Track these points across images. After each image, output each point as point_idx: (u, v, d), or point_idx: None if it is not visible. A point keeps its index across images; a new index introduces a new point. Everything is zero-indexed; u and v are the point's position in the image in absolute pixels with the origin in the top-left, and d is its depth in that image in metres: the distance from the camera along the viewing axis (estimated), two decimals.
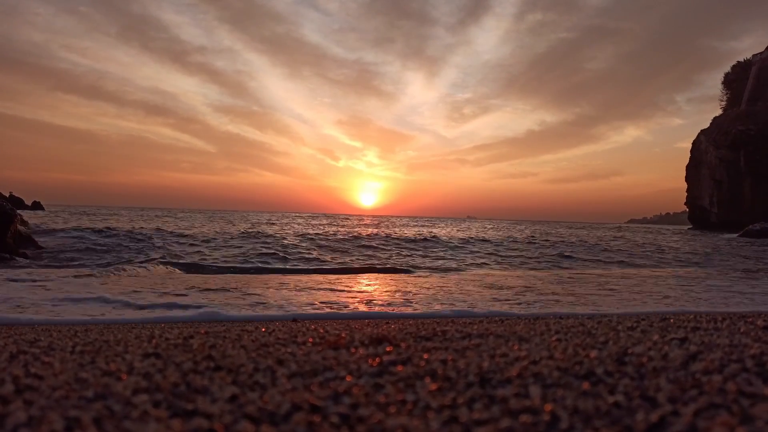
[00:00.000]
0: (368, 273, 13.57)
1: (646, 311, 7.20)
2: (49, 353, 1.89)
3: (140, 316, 6.53)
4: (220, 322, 5.00)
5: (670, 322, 2.72)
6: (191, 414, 1.09)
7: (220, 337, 2.34)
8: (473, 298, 8.52)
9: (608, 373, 1.42)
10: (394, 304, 7.85)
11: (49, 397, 1.20)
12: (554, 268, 15.65)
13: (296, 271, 13.66)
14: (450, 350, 1.83)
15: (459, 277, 12.73)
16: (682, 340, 1.92)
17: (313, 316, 6.61)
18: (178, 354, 1.78)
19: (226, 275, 12.25)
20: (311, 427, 1.03)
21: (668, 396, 1.18)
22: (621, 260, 18.36)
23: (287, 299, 8.00)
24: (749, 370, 1.39)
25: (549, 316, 5.08)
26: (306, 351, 1.84)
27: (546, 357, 1.63)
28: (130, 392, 1.25)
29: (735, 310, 7.35)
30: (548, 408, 1.11)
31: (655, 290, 10.12)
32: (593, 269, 15.58)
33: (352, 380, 1.38)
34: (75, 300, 7.77)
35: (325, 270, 13.94)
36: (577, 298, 8.74)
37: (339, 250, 19.12)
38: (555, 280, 12.15)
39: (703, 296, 9.58)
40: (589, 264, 17.20)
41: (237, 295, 8.35)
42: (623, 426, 1.01)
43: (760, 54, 76.97)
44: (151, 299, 7.76)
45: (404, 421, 1.06)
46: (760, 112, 67.98)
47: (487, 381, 1.36)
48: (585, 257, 19.09)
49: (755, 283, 12.03)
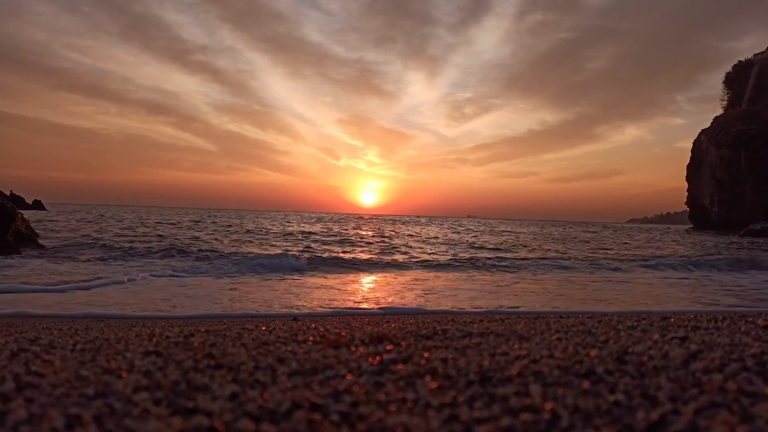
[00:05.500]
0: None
1: (646, 311, 7.20)
2: (50, 351, 1.89)
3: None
4: (221, 320, 4.99)
5: (670, 321, 2.72)
6: (192, 412, 1.09)
7: (220, 336, 2.34)
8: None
9: (609, 371, 1.41)
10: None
11: (50, 395, 1.20)
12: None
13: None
14: (450, 349, 1.83)
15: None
16: (683, 339, 1.92)
17: (314, 314, 6.61)
18: (178, 352, 1.78)
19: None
20: (312, 425, 1.03)
21: (669, 395, 1.18)
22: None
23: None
24: (750, 369, 1.38)
25: (549, 315, 5.08)
26: (306, 349, 1.84)
27: (546, 356, 1.63)
28: (130, 390, 1.25)
29: (735, 310, 7.34)
30: (549, 406, 1.11)
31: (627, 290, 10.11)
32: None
33: (352, 378, 1.38)
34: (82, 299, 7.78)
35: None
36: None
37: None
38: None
39: (702, 296, 9.58)
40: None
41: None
42: (624, 424, 1.01)
43: (761, 53, 76.85)
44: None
45: (405, 419, 1.06)
46: (761, 112, 67.89)
47: (488, 379, 1.36)
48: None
49: (743, 277, 12.03)
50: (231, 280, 11.06)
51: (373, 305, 7.80)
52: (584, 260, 17.40)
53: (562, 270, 14.62)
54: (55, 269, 11.57)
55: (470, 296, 9.13)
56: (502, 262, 16.01)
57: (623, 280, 12.56)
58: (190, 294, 8.78)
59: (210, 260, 14.45)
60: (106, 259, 14.12)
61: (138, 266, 12.66)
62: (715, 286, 11.36)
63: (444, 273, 13.57)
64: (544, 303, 8.40)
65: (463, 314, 6.38)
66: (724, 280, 12.60)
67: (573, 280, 12.36)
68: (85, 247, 16.16)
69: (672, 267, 15.73)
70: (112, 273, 11.25)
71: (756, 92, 72.85)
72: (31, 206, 55.41)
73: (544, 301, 8.61)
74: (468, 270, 14.31)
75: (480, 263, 15.77)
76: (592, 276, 13.35)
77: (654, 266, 15.89)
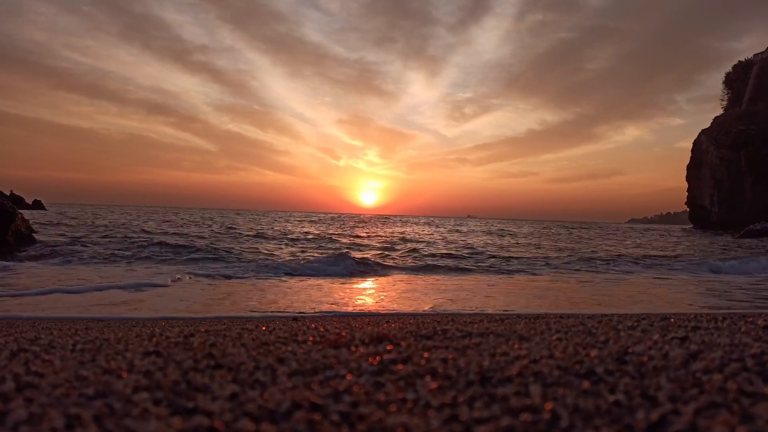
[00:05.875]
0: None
1: (646, 311, 7.19)
2: (50, 351, 1.89)
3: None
4: (221, 321, 4.99)
5: (670, 321, 2.72)
6: (192, 412, 1.09)
7: (220, 336, 2.34)
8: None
9: (609, 372, 1.41)
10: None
11: (50, 395, 1.20)
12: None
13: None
14: (450, 349, 1.83)
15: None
16: (683, 339, 1.92)
17: (315, 314, 6.61)
18: (178, 352, 1.78)
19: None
20: (312, 425, 1.03)
21: (669, 395, 1.18)
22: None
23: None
24: (750, 369, 1.38)
25: (549, 315, 5.08)
26: (306, 349, 1.84)
27: (546, 356, 1.63)
28: (130, 390, 1.25)
29: (735, 311, 7.34)
30: (549, 406, 1.11)
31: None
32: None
33: (352, 378, 1.38)
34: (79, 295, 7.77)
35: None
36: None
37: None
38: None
39: (701, 297, 9.58)
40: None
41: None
42: (624, 425, 1.01)
43: (761, 54, 76.87)
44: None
45: (405, 419, 1.06)
46: (761, 112, 67.88)
47: (488, 379, 1.36)
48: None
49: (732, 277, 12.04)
50: (296, 280, 10.91)
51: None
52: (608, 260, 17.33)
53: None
54: (70, 272, 11.50)
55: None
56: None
57: (619, 280, 12.56)
58: (258, 294, 8.61)
59: (253, 261, 14.08)
60: (134, 261, 13.64)
61: (177, 268, 12.34)
62: (714, 285, 11.36)
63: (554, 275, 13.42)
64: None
65: (463, 314, 6.37)
66: (724, 280, 12.61)
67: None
68: (85, 248, 16.09)
69: (671, 267, 15.75)
70: (152, 275, 10.88)
71: (756, 92, 72.86)
72: (31, 206, 55.37)
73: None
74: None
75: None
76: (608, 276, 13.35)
77: (650, 266, 15.90)
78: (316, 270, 12.42)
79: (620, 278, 13.00)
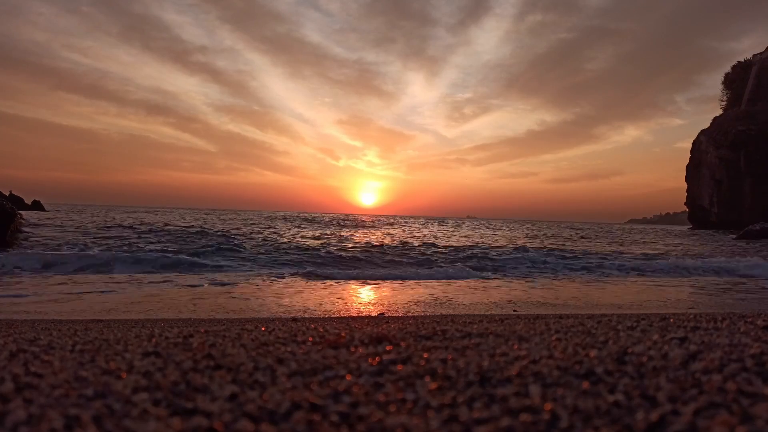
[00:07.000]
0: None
1: (646, 312, 7.19)
2: (49, 352, 1.89)
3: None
4: (220, 321, 4.98)
5: (669, 321, 2.72)
6: (191, 412, 1.09)
7: (219, 336, 2.34)
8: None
9: (608, 372, 1.41)
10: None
11: (49, 396, 1.20)
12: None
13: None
14: (450, 349, 1.83)
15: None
16: (682, 340, 1.92)
17: (314, 316, 6.60)
18: (177, 353, 1.78)
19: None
20: (311, 425, 1.03)
21: (668, 395, 1.18)
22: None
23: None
24: (749, 370, 1.38)
25: (549, 316, 5.08)
26: (306, 350, 1.84)
27: (546, 356, 1.63)
28: (129, 391, 1.25)
29: (734, 311, 7.34)
30: (548, 407, 1.11)
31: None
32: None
33: (351, 379, 1.38)
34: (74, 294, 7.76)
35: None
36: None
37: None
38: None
39: (700, 296, 9.59)
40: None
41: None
42: (623, 425, 1.01)
43: (761, 54, 76.92)
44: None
45: (404, 419, 1.06)
46: (761, 112, 67.94)
47: (487, 380, 1.36)
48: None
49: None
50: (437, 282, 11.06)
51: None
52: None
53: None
54: (52, 271, 11.52)
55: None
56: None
57: (618, 281, 12.56)
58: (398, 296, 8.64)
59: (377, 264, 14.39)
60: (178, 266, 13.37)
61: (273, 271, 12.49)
62: (714, 285, 11.36)
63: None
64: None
65: (463, 315, 6.37)
66: (722, 280, 12.62)
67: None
68: (85, 249, 16.05)
69: (670, 267, 15.74)
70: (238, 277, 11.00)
71: (755, 93, 72.92)
72: (31, 207, 55.27)
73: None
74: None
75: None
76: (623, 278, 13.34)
77: (649, 266, 15.90)
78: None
79: (619, 279, 13.00)
